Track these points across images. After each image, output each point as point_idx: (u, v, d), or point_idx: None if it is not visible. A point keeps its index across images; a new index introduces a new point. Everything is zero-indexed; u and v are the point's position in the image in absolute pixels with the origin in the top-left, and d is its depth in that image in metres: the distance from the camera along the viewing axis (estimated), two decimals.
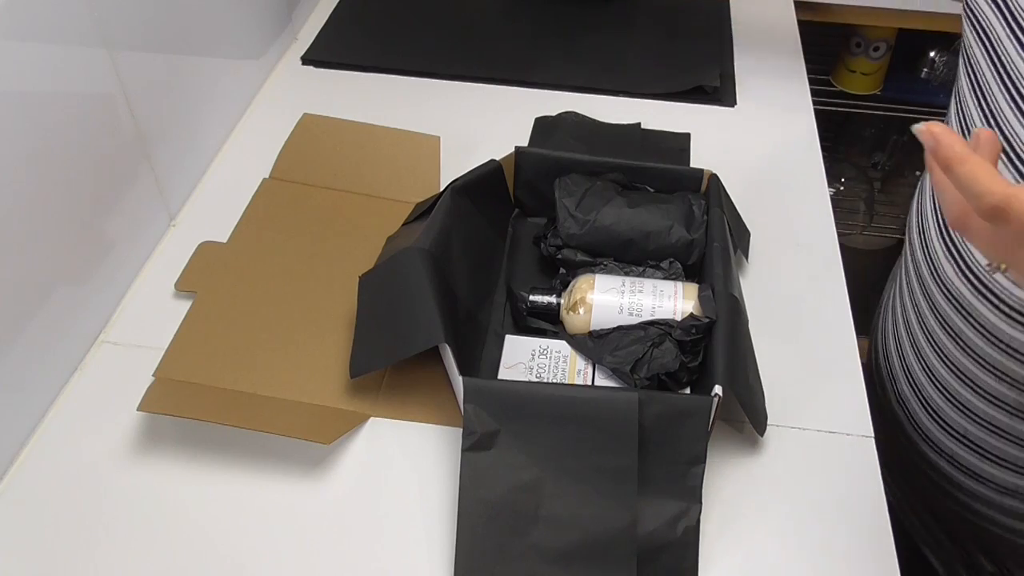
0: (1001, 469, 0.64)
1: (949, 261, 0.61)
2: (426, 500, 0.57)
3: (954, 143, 0.38)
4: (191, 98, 0.77)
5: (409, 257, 0.61)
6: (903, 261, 0.73)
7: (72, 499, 0.56)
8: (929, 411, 0.68)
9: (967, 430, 0.65)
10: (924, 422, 0.69)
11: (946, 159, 0.38)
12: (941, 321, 0.63)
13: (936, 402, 0.66)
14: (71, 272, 0.63)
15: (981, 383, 0.61)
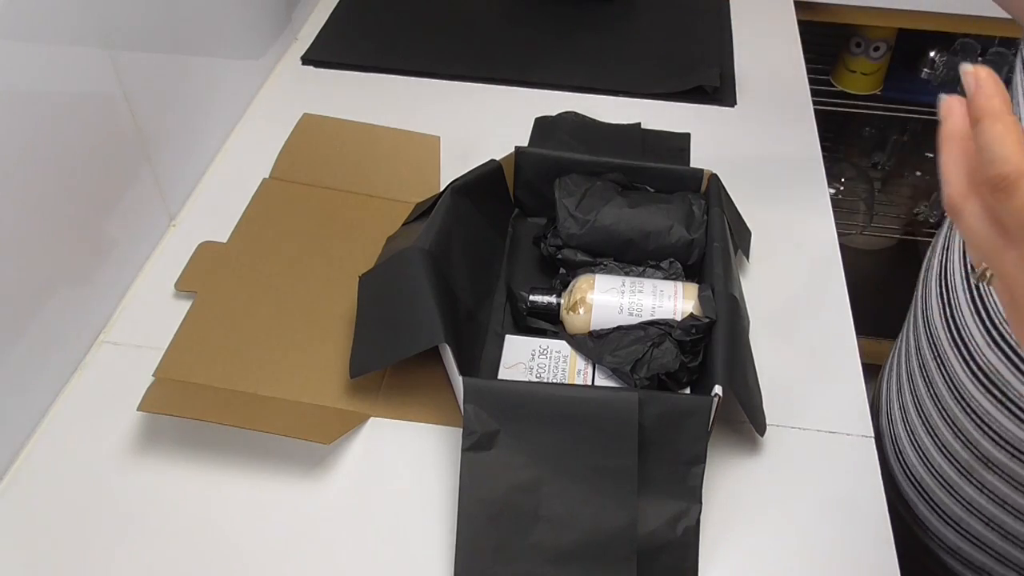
0: (1005, 568, 0.62)
1: (956, 356, 0.59)
2: (426, 500, 0.57)
3: (995, 94, 0.35)
4: (191, 98, 0.77)
5: (409, 257, 0.61)
6: (911, 316, 0.70)
7: (72, 499, 0.56)
8: (928, 501, 0.65)
9: (970, 525, 0.62)
10: (924, 513, 0.66)
11: (980, 109, 0.35)
12: (947, 419, 0.61)
13: (938, 494, 0.64)
14: (71, 272, 0.63)
15: (988, 484, 0.59)
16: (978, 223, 0.36)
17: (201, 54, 0.78)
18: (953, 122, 0.37)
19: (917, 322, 0.66)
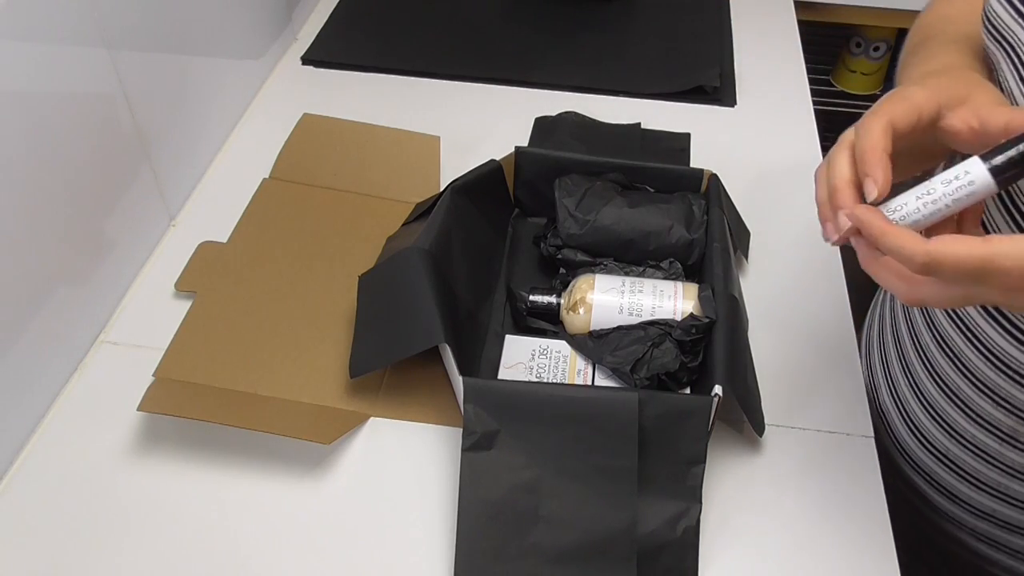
0: (980, 492, 0.63)
1: None
2: (426, 500, 0.57)
3: (874, 220, 0.42)
4: (191, 98, 0.77)
5: (409, 257, 0.61)
6: None
7: (72, 499, 0.56)
8: (911, 427, 0.66)
9: (949, 450, 0.63)
10: (904, 436, 0.67)
11: (870, 237, 0.41)
12: (938, 339, 0.61)
13: (920, 419, 0.65)
14: (71, 272, 0.63)
15: (974, 406, 0.59)
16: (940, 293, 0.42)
17: (201, 54, 0.78)
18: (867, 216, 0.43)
19: None
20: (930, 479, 0.66)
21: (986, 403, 0.58)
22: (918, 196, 0.43)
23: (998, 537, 0.64)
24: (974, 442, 0.61)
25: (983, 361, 0.57)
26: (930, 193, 0.43)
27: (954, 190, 0.42)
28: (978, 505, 0.63)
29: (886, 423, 0.68)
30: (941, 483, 0.65)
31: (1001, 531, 0.64)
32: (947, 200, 0.43)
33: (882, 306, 0.72)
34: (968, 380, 0.59)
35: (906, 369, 0.65)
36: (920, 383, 0.63)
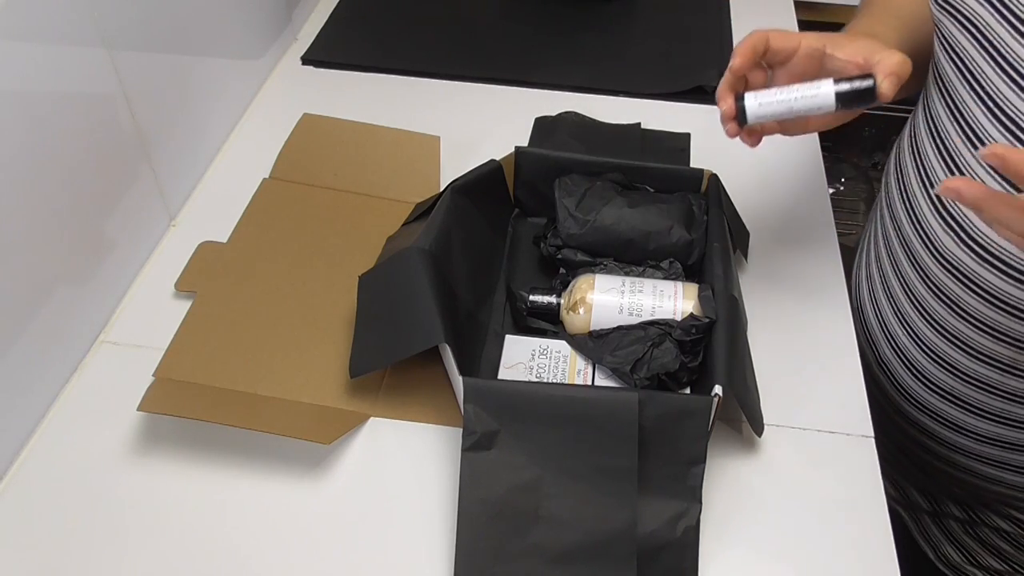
0: (985, 421, 0.66)
1: (946, 231, 0.62)
2: (426, 500, 0.57)
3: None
4: (191, 98, 0.77)
5: (409, 257, 0.61)
6: (878, 221, 0.74)
7: (72, 499, 0.56)
8: (913, 371, 0.69)
9: (953, 387, 0.66)
10: (906, 381, 0.70)
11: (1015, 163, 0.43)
12: (933, 288, 0.64)
13: (921, 363, 0.68)
14: (71, 272, 0.63)
15: (975, 344, 0.63)
16: None
17: (201, 54, 0.78)
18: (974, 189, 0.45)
19: (895, 205, 0.70)
20: (934, 415, 0.70)
21: (985, 339, 0.62)
22: (780, 90, 0.56)
23: (1002, 458, 0.69)
24: (976, 376, 0.64)
25: (979, 300, 0.61)
26: (789, 92, 0.56)
27: (804, 94, 0.55)
28: (983, 432, 0.67)
29: (887, 372, 0.72)
30: (946, 417, 0.69)
31: (1005, 451, 0.68)
32: (799, 102, 0.55)
33: (867, 256, 0.76)
34: (965, 321, 0.62)
35: (902, 319, 0.69)
36: (918, 330, 0.67)
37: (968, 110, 0.59)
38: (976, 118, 0.58)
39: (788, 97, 0.56)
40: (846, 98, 0.55)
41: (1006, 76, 0.55)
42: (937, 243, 0.63)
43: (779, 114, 0.56)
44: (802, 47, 0.58)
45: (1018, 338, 0.61)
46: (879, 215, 0.74)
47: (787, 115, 0.56)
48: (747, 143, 0.60)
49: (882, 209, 0.73)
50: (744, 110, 0.57)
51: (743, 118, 0.57)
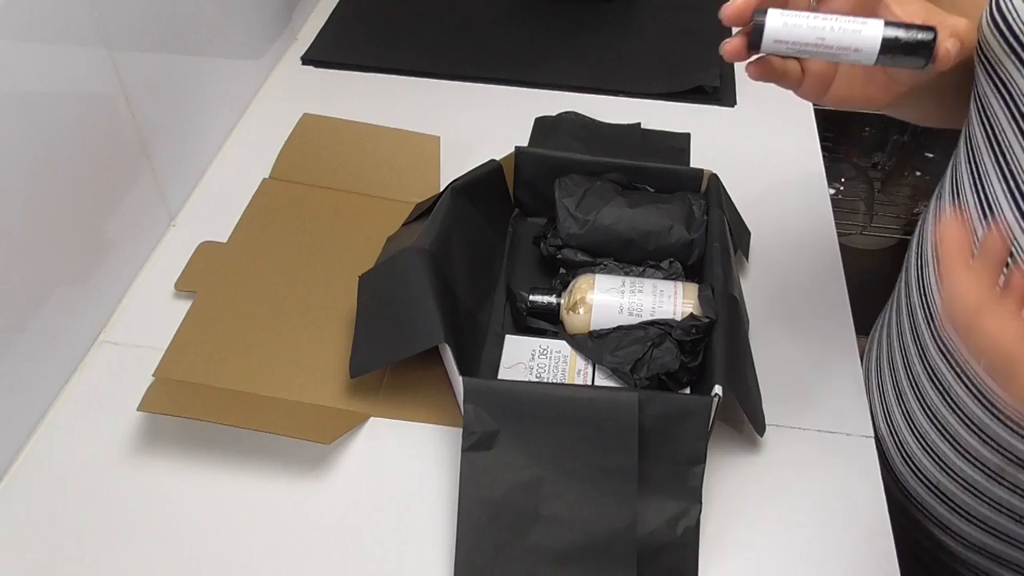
0: (971, 526, 0.61)
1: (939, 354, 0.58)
2: (426, 500, 0.57)
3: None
4: (191, 98, 0.77)
5: (409, 257, 0.61)
6: (895, 298, 0.68)
7: (72, 499, 0.56)
8: (903, 454, 0.64)
9: (940, 482, 0.61)
10: (896, 464, 0.65)
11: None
12: (930, 373, 0.59)
13: (912, 448, 0.63)
14: (71, 272, 0.63)
15: (963, 442, 0.58)
16: (1005, 325, 0.39)
17: (201, 54, 0.78)
18: (951, 238, 0.41)
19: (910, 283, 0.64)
20: (923, 508, 0.65)
21: (973, 439, 0.57)
22: (815, 15, 0.45)
23: (988, 568, 0.63)
24: (963, 476, 0.59)
25: (971, 398, 0.56)
26: (825, 20, 0.45)
27: (845, 27, 0.44)
28: (969, 537, 0.62)
29: (881, 449, 0.65)
30: (934, 513, 0.64)
31: (991, 563, 0.62)
32: (836, 34, 0.44)
33: (883, 330, 0.70)
34: (957, 416, 0.57)
35: (900, 398, 0.64)
36: (913, 414, 0.62)
37: (989, 182, 0.52)
38: (997, 197, 0.51)
39: (823, 24, 0.44)
40: (895, 47, 0.43)
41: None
42: (941, 326, 0.58)
43: (806, 45, 0.45)
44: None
45: (1004, 445, 0.55)
46: (902, 282, 0.67)
47: (816, 51, 0.45)
48: (750, 73, 0.48)
49: (907, 274, 0.66)
50: (762, 27, 0.44)
51: (757, 37, 0.45)
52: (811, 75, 0.49)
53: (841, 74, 0.50)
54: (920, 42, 0.43)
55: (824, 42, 0.44)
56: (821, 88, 0.50)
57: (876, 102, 0.51)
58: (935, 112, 0.62)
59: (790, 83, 0.50)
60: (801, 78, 0.49)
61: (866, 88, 0.50)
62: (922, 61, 0.44)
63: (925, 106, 0.61)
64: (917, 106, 0.61)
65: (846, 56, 0.45)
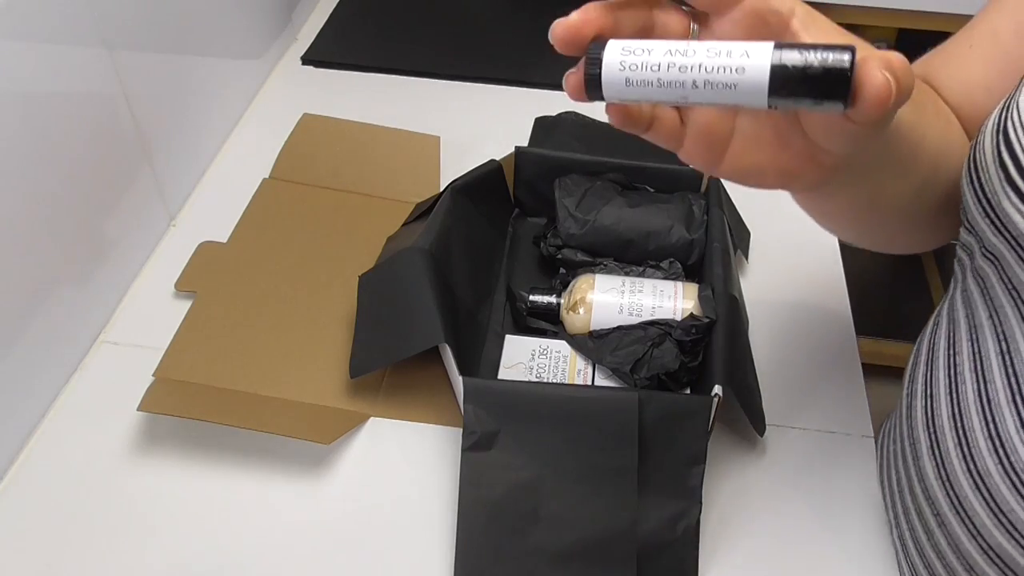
0: None
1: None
2: (426, 500, 0.57)
3: None
4: (191, 98, 0.77)
5: (409, 257, 0.61)
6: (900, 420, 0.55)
7: (72, 499, 0.56)
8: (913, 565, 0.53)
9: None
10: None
11: None
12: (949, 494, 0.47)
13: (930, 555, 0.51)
14: (71, 272, 0.63)
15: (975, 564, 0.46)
16: None
17: (201, 54, 0.78)
18: None
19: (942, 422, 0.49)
20: None
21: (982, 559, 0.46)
22: (670, 51, 0.32)
23: None
24: None
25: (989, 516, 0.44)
26: (686, 54, 0.31)
27: (719, 62, 0.30)
28: None
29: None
30: None
31: None
32: (704, 72, 0.31)
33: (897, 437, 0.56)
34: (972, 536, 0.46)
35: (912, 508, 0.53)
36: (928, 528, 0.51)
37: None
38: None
39: (686, 61, 0.31)
40: (793, 77, 0.29)
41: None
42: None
43: (664, 90, 0.32)
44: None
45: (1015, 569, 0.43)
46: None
47: (679, 96, 0.32)
48: (612, 121, 0.36)
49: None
50: (598, 66, 0.33)
51: (594, 78, 0.34)
52: (695, 130, 0.36)
53: (741, 133, 0.36)
54: (830, 70, 0.29)
55: (691, 83, 0.31)
56: (709, 150, 0.36)
57: (796, 179, 0.37)
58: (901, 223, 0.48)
59: (664, 140, 0.37)
60: (680, 133, 0.36)
61: (778, 156, 0.36)
62: (838, 102, 0.30)
63: (881, 209, 0.46)
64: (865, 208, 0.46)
65: (723, 96, 0.31)
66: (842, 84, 0.29)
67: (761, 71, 0.30)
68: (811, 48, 0.30)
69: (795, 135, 0.35)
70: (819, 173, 0.36)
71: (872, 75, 0.29)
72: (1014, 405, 0.41)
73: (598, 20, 0.34)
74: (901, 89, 0.30)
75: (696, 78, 0.31)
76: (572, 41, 0.35)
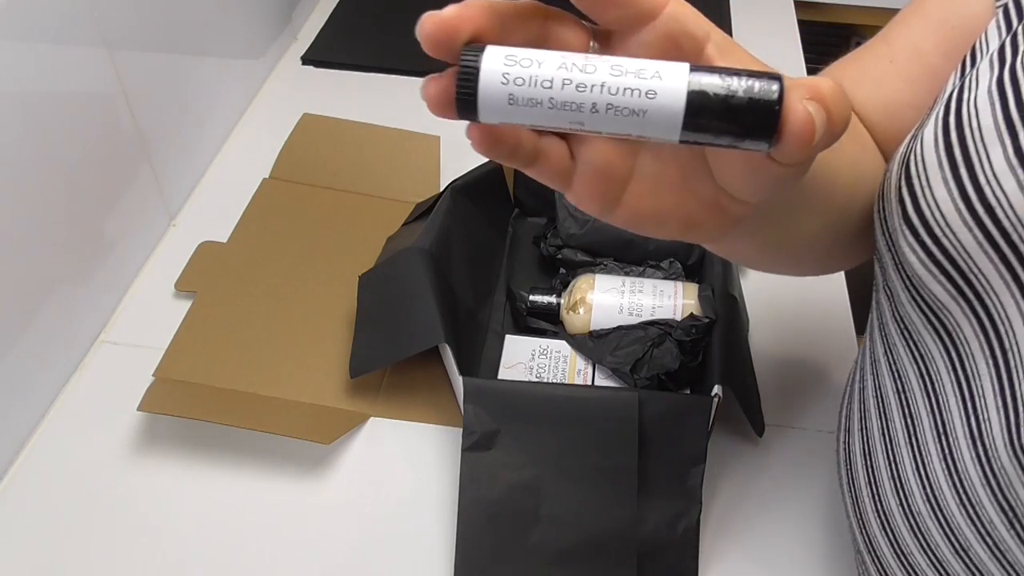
0: None
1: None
2: (426, 500, 0.57)
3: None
4: (191, 98, 0.77)
5: (409, 257, 0.61)
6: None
7: (72, 499, 0.56)
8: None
9: None
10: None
11: None
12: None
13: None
14: (71, 272, 0.63)
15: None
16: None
17: (201, 54, 0.78)
18: None
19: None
20: None
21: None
22: (565, 64, 0.26)
23: None
24: None
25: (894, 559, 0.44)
26: (585, 70, 0.25)
27: (624, 83, 0.25)
28: None
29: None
30: None
31: None
32: (606, 94, 0.25)
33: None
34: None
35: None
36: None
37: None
38: None
39: (586, 79, 0.25)
40: (712, 108, 0.25)
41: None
42: None
43: (555, 112, 0.26)
44: (669, 11, 0.28)
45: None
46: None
47: (573, 121, 0.26)
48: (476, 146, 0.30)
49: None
50: (474, 77, 0.27)
51: (468, 96, 0.27)
52: (589, 168, 0.30)
53: (642, 174, 0.31)
54: (756, 101, 0.25)
55: (590, 106, 0.25)
56: (604, 193, 0.30)
57: (698, 229, 0.32)
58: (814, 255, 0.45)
59: (549, 177, 0.30)
60: (569, 170, 0.30)
61: (682, 203, 0.31)
62: (763, 140, 0.25)
63: (790, 248, 0.42)
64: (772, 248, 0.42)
65: (627, 124, 0.26)
66: (769, 119, 0.25)
67: (676, 97, 0.25)
68: (734, 74, 0.25)
69: (702, 179, 0.30)
70: (725, 223, 0.32)
71: (793, 108, 0.25)
72: (910, 447, 0.40)
73: (478, 19, 0.28)
74: (834, 122, 0.26)
75: (597, 100, 0.25)
76: (443, 42, 0.28)
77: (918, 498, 0.40)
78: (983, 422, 0.35)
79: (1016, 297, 0.33)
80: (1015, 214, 0.32)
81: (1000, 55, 0.35)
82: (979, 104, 0.34)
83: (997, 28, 0.39)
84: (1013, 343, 0.33)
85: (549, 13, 0.29)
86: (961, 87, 0.36)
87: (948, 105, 0.36)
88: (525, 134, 0.29)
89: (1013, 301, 0.33)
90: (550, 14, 0.29)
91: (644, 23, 0.28)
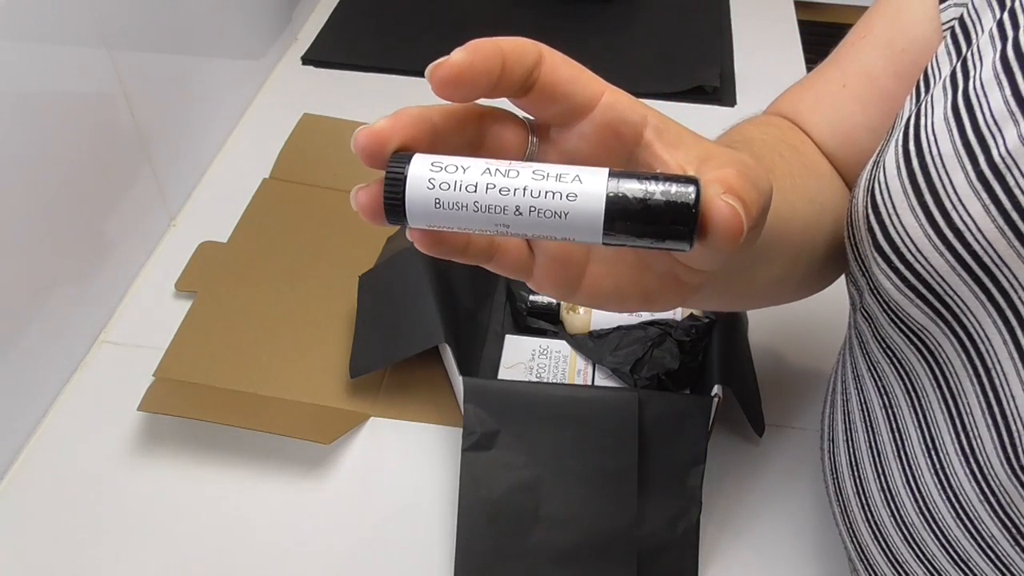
0: None
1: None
2: (426, 500, 0.57)
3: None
4: (191, 98, 0.77)
5: (409, 257, 0.61)
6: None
7: (72, 499, 0.56)
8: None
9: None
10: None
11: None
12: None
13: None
14: (71, 272, 0.63)
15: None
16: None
17: (201, 54, 0.78)
18: None
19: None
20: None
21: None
22: (489, 169, 0.27)
23: None
24: None
25: (888, 567, 0.44)
26: (508, 174, 0.26)
27: (544, 186, 0.26)
28: None
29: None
30: None
31: None
32: (526, 196, 0.26)
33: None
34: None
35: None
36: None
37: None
38: None
39: (508, 183, 0.26)
40: (629, 214, 0.25)
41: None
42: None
43: (481, 216, 0.27)
44: (604, 100, 0.30)
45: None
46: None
47: (499, 224, 0.27)
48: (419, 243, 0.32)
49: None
50: (401, 184, 0.29)
51: (395, 203, 0.29)
52: (547, 258, 0.31)
53: (599, 256, 0.32)
54: (672, 204, 0.25)
55: (511, 202, 0.26)
56: (564, 279, 0.32)
57: (658, 301, 0.33)
58: (779, 291, 0.45)
59: (511, 270, 0.33)
60: (528, 263, 0.32)
61: (640, 279, 0.32)
62: (683, 241, 0.25)
63: (753, 293, 0.43)
64: (736, 297, 0.43)
65: (551, 227, 0.26)
66: (687, 220, 0.25)
67: (595, 200, 0.25)
68: (652, 178, 0.25)
69: (658, 255, 0.31)
70: (684, 292, 0.32)
71: (716, 207, 0.25)
72: (899, 460, 0.41)
73: (408, 129, 0.30)
74: (751, 215, 0.26)
75: (520, 203, 0.26)
76: (375, 152, 0.30)
77: (910, 510, 0.41)
78: (974, 440, 0.36)
79: (994, 317, 0.34)
80: (983, 236, 0.32)
81: (952, 80, 0.36)
82: (936, 130, 0.35)
83: (947, 52, 0.39)
84: (995, 362, 0.34)
85: (485, 113, 0.30)
86: (918, 112, 0.37)
87: (907, 131, 0.37)
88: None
89: (991, 321, 0.34)
90: (487, 114, 0.30)
91: (582, 116, 0.30)
